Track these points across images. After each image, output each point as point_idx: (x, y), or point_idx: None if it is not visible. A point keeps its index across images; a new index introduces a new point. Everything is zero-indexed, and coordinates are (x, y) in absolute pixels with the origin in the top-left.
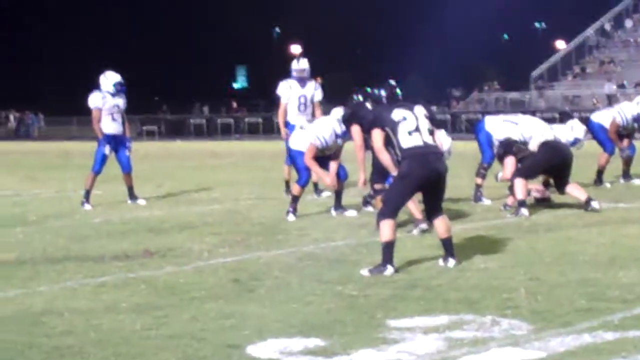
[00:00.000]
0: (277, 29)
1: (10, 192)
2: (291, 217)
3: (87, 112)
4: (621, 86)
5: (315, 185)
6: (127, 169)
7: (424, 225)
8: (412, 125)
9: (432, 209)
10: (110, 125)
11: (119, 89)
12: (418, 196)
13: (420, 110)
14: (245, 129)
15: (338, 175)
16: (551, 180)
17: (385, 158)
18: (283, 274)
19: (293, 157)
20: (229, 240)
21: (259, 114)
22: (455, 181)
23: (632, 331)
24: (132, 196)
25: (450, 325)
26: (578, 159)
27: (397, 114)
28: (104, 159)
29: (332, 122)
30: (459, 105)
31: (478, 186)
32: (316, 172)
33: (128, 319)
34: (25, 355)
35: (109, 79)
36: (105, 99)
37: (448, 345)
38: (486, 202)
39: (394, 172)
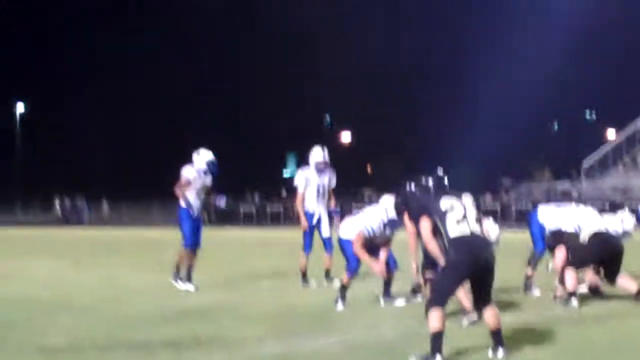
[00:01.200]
0: (328, 117)
1: (57, 276)
2: (340, 306)
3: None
4: None
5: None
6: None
7: (473, 316)
8: (460, 215)
9: (481, 299)
10: (194, 203)
11: (211, 169)
12: (467, 286)
13: (468, 199)
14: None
15: (387, 264)
16: (602, 271)
17: (433, 247)
18: None
19: (342, 246)
20: (279, 328)
21: None
22: (505, 272)
23: None
24: (189, 277)
25: None
26: (629, 249)
27: (445, 203)
28: (192, 229)
29: (380, 212)
30: (508, 195)
31: (528, 277)
32: (365, 260)
33: None
34: None
35: (202, 156)
36: (196, 176)
37: None
38: (536, 292)
39: (441, 261)
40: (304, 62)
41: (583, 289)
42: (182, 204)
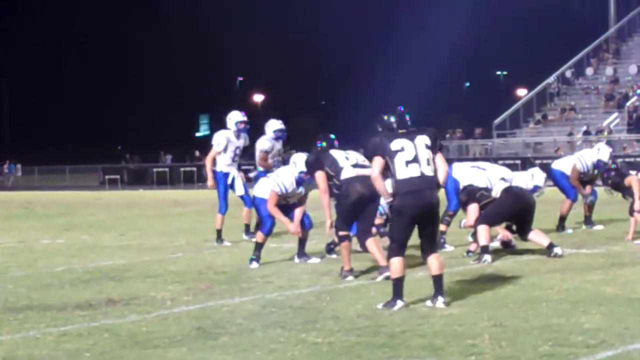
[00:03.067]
0: (240, 78)
1: None
2: (254, 265)
3: (57, 161)
4: (586, 132)
5: (247, 226)
6: (249, 205)
7: (387, 273)
8: (410, 156)
9: (426, 245)
10: (230, 165)
11: (241, 129)
12: (384, 243)
13: (421, 139)
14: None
15: (302, 223)
16: (514, 227)
17: (380, 185)
18: (247, 322)
19: (257, 205)
20: (193, 288)
21: None
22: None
23: None
24: (247, 232)
25: None
26: (540, 205)
27: (395, 144)
28: (225, 196)
29: (291, 169)
30: None
31: (442, 233)
32: (279, 219)
33: None
34: None
35: (232, 118)
36: (229, 139)
37: None
38: (449, 248)
39: (387, 198)
40: (221, 26)
41: (495, 243)
42: (209, 172)
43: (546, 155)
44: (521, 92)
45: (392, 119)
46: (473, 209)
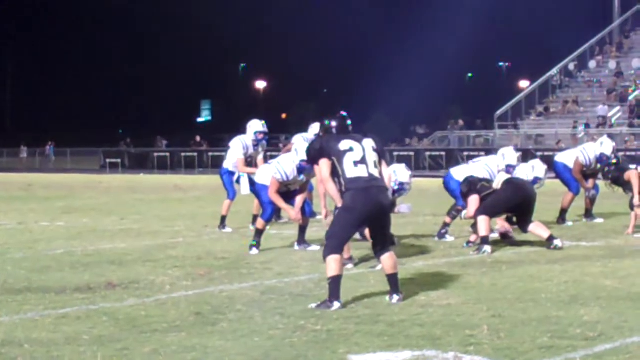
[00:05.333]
0: (243, 64)
1: None
2: (254, 251)
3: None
4: (587, 126)
5: (255, 217)
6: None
7: (350, 265)
8: (359, 156)
9: (379, 244)
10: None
11: (260, 139)
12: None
13: (368, 142)
14: (209, 163)
15: (303, 210)
16: (514, 219)
17: (331, 188)
18: (246, 308)
19: (258, 191)
20: (192, 273)
21: (223, 148)
22: (419, 218)
23: None
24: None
25: None
26: (542, 197)
27: (344, 144)
28: (232, 183)
29: (293, 156)
30: (422, 142)
31: (445, 224)
32: (280, 206)
33: (89, 351)
34: None
35: (252, 127)
36: (246, 146)
37: None
38: (449, 239)
39: (339, 203)
40: (224, 12)
41: (494, 235)
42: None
43: (548, 147)
44: (523, 84)
45: (333, 124)
46: (473, 200)
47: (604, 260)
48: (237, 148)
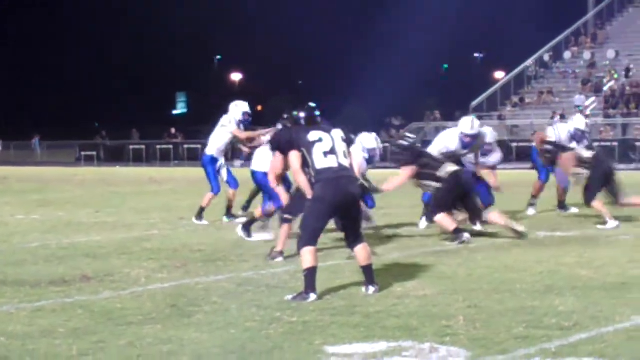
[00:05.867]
0: (219, 57)
1: None
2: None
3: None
4: (562, 117)
5: (229, 209)
6: (234, 186)
7: (279, 259)
8: (328, 147)
9: (352, 236)
10: (220, 153)
11: (245, 120)
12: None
13: (337, 132)
14: (185, 155)
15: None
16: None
17: (302, 180)
18: (222, 300)
19: (259, 180)
20: (168, 265)
21: (199, 140)
22: (396, 210)
23: (569, 358)
24: (229, 214)
25: (389, 351)
26: (513, 187)
27: (313, 135)
28: (216, 177)
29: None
30: (398, 134)
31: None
32: (277, 191)
33: (65, 344)
34: None
35: (239, 106)
36: (232, 124)
37: None
38: (422, 225)
39: (309, 194)
40: (199, 5)
41: (477, 226)
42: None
43: (523, 138)
44: (499, 74)
45: (302, 114)
46: (404, 174)
47: (579, 250)
48: (229, 123)
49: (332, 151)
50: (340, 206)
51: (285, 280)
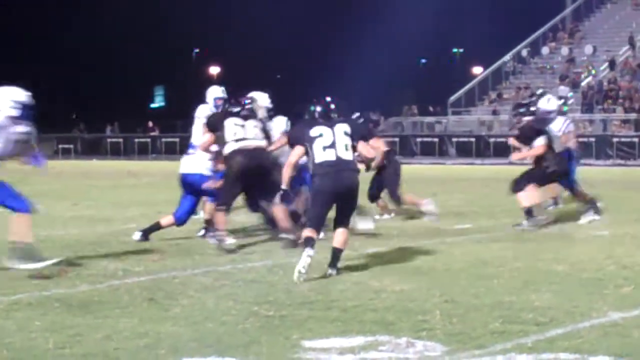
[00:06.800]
0: (196, 50)
1: None
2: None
3: None
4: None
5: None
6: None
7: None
8: (328, 141)
9: (339, 220)
10: None
11: (219, 105)
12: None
13: (341, 127)
14: (163, 149)
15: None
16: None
17: (286, 172)
18: (199, 294)
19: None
20: (145, 259)
21: (177, 134)
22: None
23: (545, 354)
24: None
25: (366, 346)
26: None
27: (315, 130)
28: None
29: None
30: (376, 128)
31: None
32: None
33: (41, 337)
34: None
35: (211, 93)
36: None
37: None
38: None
39: (283, 186)
40: None
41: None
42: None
43: (500, 133)
44: (477, 70)
45: (318, 109)
46: None
47: (555, 245)
48: (204, 114)
49: (332, 145)
50: (337, 197)
51: (262, 275)
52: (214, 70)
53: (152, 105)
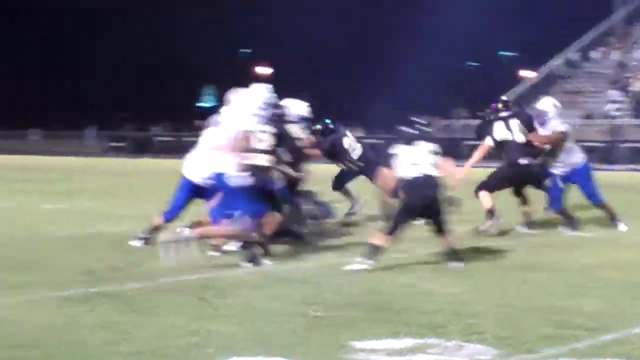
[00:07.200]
0: (246, 50)
1: None
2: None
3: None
4: (588, 117)
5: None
6: None
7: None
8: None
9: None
10: None
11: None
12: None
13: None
14: None
15: None
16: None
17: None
18: (248, 293)
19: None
20: (197, 258)
21: None
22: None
23: (597, 359)
24: None
25: (415, 348)
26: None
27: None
28: None
29: None
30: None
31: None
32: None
33: (91, 333)
34: None
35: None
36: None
37: None
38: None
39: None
40: None
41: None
42: None
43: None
44: (527, 74)
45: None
46: None
47: (605, 251)
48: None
49: (418, 162)
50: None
51: (312, 275)
52: (264, 71)
53: (201, 105)
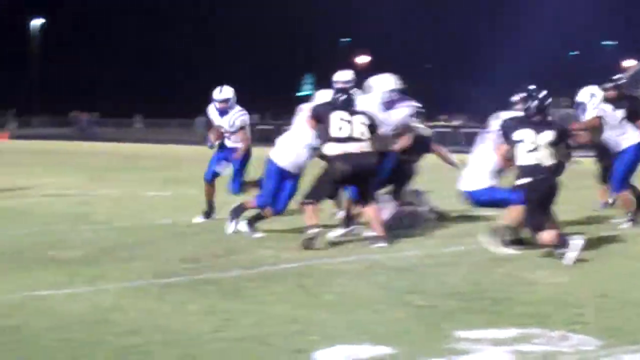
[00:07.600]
0: (346, 39)
1: (77, 191)
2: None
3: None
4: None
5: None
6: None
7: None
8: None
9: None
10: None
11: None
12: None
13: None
14: None
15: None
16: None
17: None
18: (350, 282)
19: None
20: (296, 246)
21: None
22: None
23: None
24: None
25: (519, 338)
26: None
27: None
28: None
29: None
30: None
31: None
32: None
33: (196, 320)
34: (91, 354)
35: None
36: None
37: (517, 359)
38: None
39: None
40: None
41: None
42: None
43: None
44: (629, 63)
45: (534, 103)
46: None
47: None
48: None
49: (534, 149)
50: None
51: (414, 264)
52: (363, 59)
53: (300, 94)
